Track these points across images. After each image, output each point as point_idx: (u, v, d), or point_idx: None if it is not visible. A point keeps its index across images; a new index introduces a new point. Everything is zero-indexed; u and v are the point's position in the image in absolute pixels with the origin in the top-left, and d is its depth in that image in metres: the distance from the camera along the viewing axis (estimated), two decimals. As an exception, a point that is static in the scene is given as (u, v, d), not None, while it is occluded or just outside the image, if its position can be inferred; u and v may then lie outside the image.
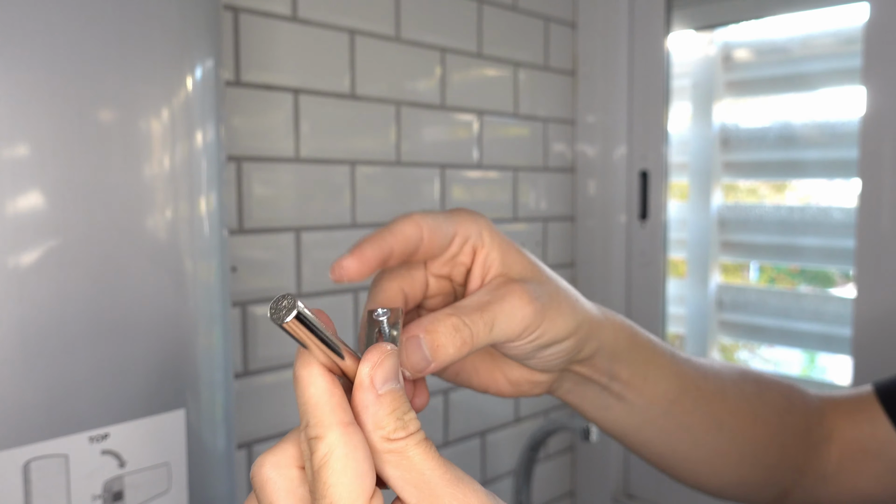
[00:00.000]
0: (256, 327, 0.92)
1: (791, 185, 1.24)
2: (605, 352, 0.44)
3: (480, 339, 0.37)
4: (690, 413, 0.49)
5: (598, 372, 0.46)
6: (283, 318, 0.27)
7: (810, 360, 1.24)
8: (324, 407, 0.29)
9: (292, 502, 0.30)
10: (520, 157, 1.26)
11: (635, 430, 0.49)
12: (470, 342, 0.36)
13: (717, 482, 0.53)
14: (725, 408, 0.51)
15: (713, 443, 0.51)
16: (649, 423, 0.49)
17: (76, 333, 0.54)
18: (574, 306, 0.41)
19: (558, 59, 1.33)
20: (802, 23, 1.15)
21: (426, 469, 0.29)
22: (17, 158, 0.51)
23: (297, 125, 0.95)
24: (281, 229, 0.94)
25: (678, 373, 0.49)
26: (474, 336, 0.36)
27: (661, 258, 1.30)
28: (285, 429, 0.96)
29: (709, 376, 0.51)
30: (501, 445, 1.26)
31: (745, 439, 0.52)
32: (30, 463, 0.52)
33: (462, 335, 0.36)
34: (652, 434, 0.49)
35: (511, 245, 0.41)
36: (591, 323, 0.42)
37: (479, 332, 0.36)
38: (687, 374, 0.49)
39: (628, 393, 0.47)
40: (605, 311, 0.45)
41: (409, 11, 1.06)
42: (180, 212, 0.60)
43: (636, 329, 0.47)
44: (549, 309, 0.39)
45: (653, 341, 0.48)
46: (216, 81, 0.63)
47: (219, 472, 0.65)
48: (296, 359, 0.31)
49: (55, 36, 0.52)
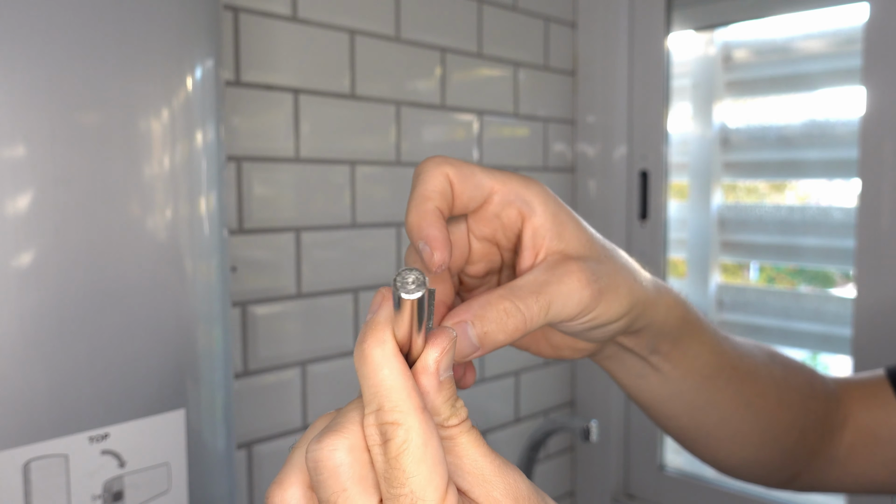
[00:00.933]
0: (256, 327, 0.92)
1: (791, 185, 1.24)
2: (654, 329, 0.44)
3: (534, 323, 0.35)
4: (722, 390, 0.49)
5: (641, 344, 0.45)
6: (411, 291, 0.27)
7: (812, 359, 1.24)
8: (401, 391, 0.28)
9: (366, 491, 0.28)
10: (520, 157, 1.26)
11: (665, 400, 0.49)
12: (523, 328, 0.34)
13: (735, 460, 0.54)
14: (755, 389, 0.51)
15: (739, 422, 0.51)
16: (680, 395, 0.48)
17: (76, 333, 0.54)
18: (631, 287, 0.39)
19: (558, 59, 1.33)
20: (802, 23, 1.15)
21: (477, 456, 0.29)
22: (17, 158, 0.51)
23: (297, 125, 0.95)
24: (281, 229, 0.94)
25: (718, 351, 0.48)
26: (527, 321, 0.34)
27: (661, 258, 1.30)
28: (285, 429, 0.96)
29: (744, 357, 0.51)
30: (501, 445, 1.26)
31: (770, 421, 0.52)
32: (30, 463, 0.52)
33: (515, 321, 0.34)
34: (680, 407, 0.49)
35: (568, 215, 0.38)
36: (645, 302, 0.41)
37: (534, 317, 0.35)
38: (725, 353, 0.49)
39: (665, 365, 0.47)
40: (659, 286, 0.44)
41: (409, 11, 1.06)
42: (180, 212, 0.60)
43: (688, 306, 0.46)
44: (606, 291, 0.37)
45: (700, 318, 0.47)
46: (216, 81, 0.63)
47: (219, 472, 0.65)
48: (365, 336, 0.28)
49: (55, 36, 0.52)
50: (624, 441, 1.36)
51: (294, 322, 0.96)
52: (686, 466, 1.32)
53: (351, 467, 0.28)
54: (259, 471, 0.93)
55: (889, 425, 0.56)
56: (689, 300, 0.47)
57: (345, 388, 1.02)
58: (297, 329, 0.96)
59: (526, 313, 0.34)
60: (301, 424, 0.97)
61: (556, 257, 0.37)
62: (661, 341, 0.45)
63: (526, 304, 0.34)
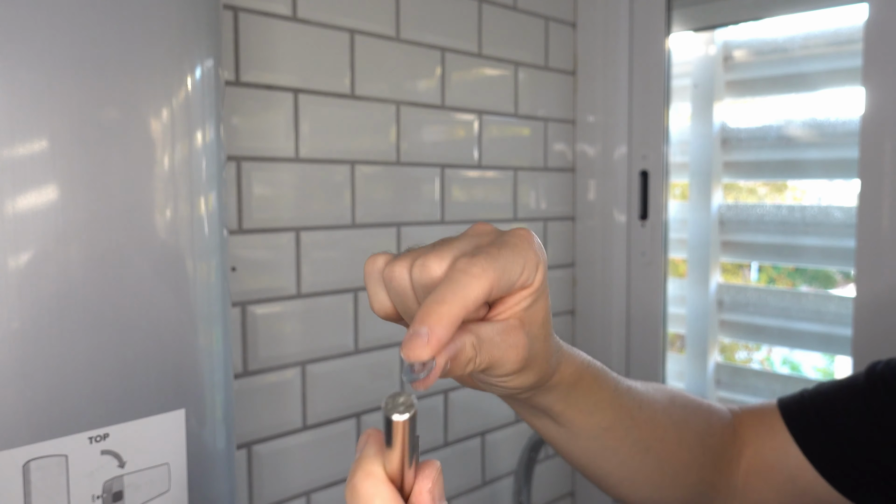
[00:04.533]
0: (256, 327, 0.92)
1: (791, 185, 1.24)
2: (544, 392, 0.47)
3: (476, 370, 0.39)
4: (621, 439, 0.53)
5: (538, 405, 0.49)
6: (400, 412, 0.29)
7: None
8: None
9: None
10: (520, 157, 1.26)
11: (564, 445, 0.53)
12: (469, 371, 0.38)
13: (636, 498, 0.57)
14: (654, 434, 0.55)
15: (639, 465, 0.55)
16: (577, 442, 0.52)
17: (76, 333, 0.54)
18: (543, 365, 0.43)
19: (558, 59, 1.33)
20: (802, 23, 1.15)
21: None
22: (17, 159, 0.51)
23: (297, 125, 0.94)
24: (281, 229, 0.94)
25: (615, 405, 0.52)
26: (475, 369, 0.39)
27: (661, 258, 1.30)
28: (285, 429, 0.96)
29: (643, 405, 0.54)
30: (501, 445, 1.26)
31: (669, 462, 0.56)
32: (30, 463, 0.52)
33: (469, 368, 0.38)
34: (578, 451, 0.53)
35: (544, 294, 0.41)
36: (545, 377, 0.45)
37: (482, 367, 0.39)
38: (623, 406, 0.52)
39: (563, 420, 0.51)
40: (563, 357, 0.47)
41: (409, 11, 1.06)
42: (180, 212, 0.60)
43: (586, 372, 0.49)
44: (529, 365, 0.42)
45: (599, 378, 0.51)
46: (216, 81, 0.63)
47: (219, 472, 0.65)
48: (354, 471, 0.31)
49: (55, 36, 0.52)
50: (624, 441, 1.36)
51: (294, 322, 0.96)
52: (686, 466, 1.32)
53: None
54: (259, 471, 0.93)
55: (776, 450, 0.60)
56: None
57: (344, 389, 1.02)
58: (296, 329, 0.96)
59: (478, 359, 0.38)
60: (301, 424, 0.97)
61: (515, 323, 0.40)
62: (556, 403, 0.49)
63: (481, 352, 0.38)
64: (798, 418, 0.61)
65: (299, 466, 0.97)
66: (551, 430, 0.52)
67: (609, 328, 1.35)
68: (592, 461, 0.54)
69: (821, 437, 0.60)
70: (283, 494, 0.96)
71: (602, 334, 1.36)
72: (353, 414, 1.03)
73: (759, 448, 0.61)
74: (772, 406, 0.63)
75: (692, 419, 0.58)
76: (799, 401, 0.62)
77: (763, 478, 0.61)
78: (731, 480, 0.61)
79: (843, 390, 0.61)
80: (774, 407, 0.63)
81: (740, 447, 0.61)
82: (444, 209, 1.14)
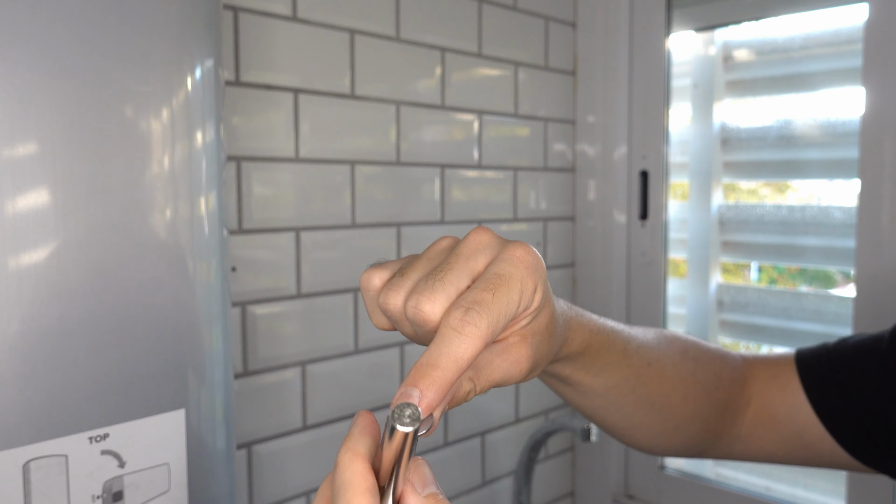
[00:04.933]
0: (256, 327, 0.92)
1: (791, 185, 1.24)
2: (557, 363, 0.49)
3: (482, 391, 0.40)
4: (625, 396, 0.55)
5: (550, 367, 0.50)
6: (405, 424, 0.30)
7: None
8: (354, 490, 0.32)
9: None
10: (520, 157, 1.26)
11: (568, 398, 0.56)
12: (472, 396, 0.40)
13: (639, 443, 0.61)
14: (660, 389, 0.56)
15: (642, 417, 0.57)
16: (582, 398, 0.55)
17: (76, 334, 0.54)
18: (552, 347, 0.44)
19: (558, 59, 1.33)
20: (802, 23, 1.15)
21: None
22: (17, 159, 0.51)
23: (297, 125, 0.94)
24: (281, 229, 0.94)
25: (624, 364, 0.53)
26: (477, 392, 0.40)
27: (661, 258, 1.30)
28: (285, 429, 0.96)
29: (652, 362, 0.56)
30: (501, 445, 1.26)
31: (672, 415, 0.58)
32: (30, 463, 0.52)
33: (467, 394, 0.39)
34: (585, 404, 0.56)
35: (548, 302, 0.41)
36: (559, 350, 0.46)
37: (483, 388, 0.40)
38: (631, 366, 0.54)
39: (571, 381, 0.53)
40: (572, 320, 0.48)
41: (409, 11, 1.06)
42: (180, 212, 0.60)
43: (597, 335, 0.50)
44: (537, 364, 0.43)
45: (608, 341, 0.52)
46: (216, 81, 0.63)
47: (219, 472, 0.65)
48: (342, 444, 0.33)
49: (55, 36, 0.52)
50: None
51: (294, 322, 0.96)
52: (686, 466, 1.32)
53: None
54: (259, 471, 0.93)
55: (786, 404, 0.61)
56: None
57: (344, 389, 1.02)
58: (296, 329, 0.96)
59: (478, 387, 0.39)
60: (301, 424, 0.97)
61: (517, 339, 0.41)
62: (564, 367, 0.50)
63: (481, 385, 0.39)
64: (813, 376, 0.61)
65: (299, 466, 0.97)
66: (558, 388, 0.55)
67: (609, 328, 1.35)
68: (597, 414, 0.57)
69: (834, 396, 0.60)
70: (283, 494, 0.96)
71: (602, 334, 1.36)
72: (353, 414, 1.03)
73: (769, 401, 0.62)
74: (788, 358, 0.63)
75: (701, 373, 0.59)
76: (817, 356, 0.62)
77: (769, 429, 0.61)
78: (734, 429, 0.62)
79: (864, 350, 0.60)
80: (790, 359, 0.62)
81: (749, 397, 0.62)
82: (444, 209, 1.14)
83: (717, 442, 0.62)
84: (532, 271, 0.38)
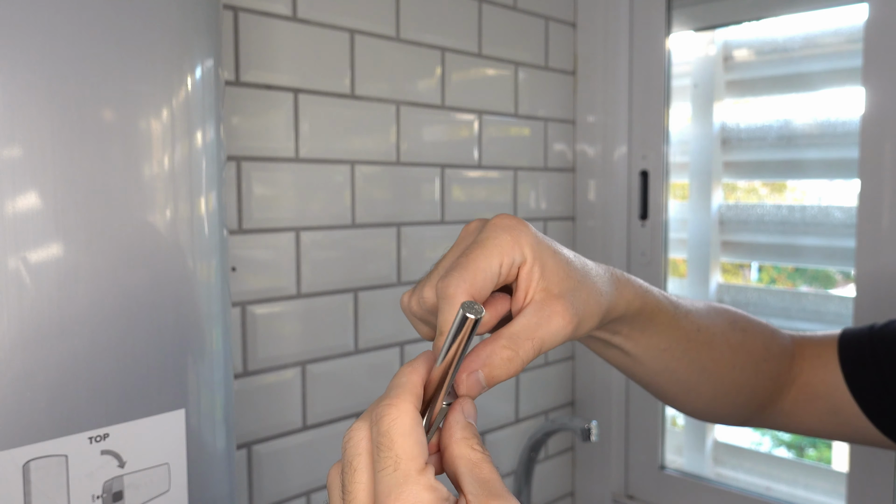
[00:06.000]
0: (256, 327, 0.92)
1: (790, 185, 1.24)
2: (614, 320, 0.50)
3: (530, 360, 0.42)
4: (678, 360, 0.57)
5: (603, 332, 0.53)
6: (477, 311, 0.34)
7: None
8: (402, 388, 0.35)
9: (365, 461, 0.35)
10: (520, 157, 1.26)
11: (626, 367, 0.57)
12: (521, 367, 0.41)
13: (690, 408, 0.62)
14: (710, 356, 0.58)
15: (693, 382, 0.59)
16: (639, 364, 0.56)
17: (76, 333, 0.54)
18: (600, 303, 0.46)
19: (558, 59, 1.33)
20: (802, 23, 1.15)
21: (494, 477, 0.36)
22: (17, 159, 0.51)
23: (297, 125, 0.94)
24: (281, 229, 0.94)
25: (674, 327, 0.55)
26: (524, 362, 0.41)
27: (661, 258, 1.30)
28: (285, 429, 0.96)
29: (702, 328, 0.58)
30: (501, 445, 1.26)
31: (722, 382, 0.60)
32: (30, 463, 0.52)
33: (514, 365, 0.41)
34: (639, 371, 0.57)
35: (549, 251, 0.44)
36: (610, 310, 0.48)
37: (529, 356, 0.41)
38: (682, 329, 0.56)
39: (626, 344, 0.54)
40: (621, 283, 0.50)
41: (409, 11, 1.06)
42: (180, 212, 0.60)
43: (646, 296, 0.52)
44: (584, 318, 0.44)
45: (659, 304, 0.54)
46: (216, 81, 0.63)
47: (219, 472, 0.65)
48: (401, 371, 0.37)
49: (55, 36, 0.52)
50: (624, 441, 1.36)
51: (294, 322, 0.96)
52: (686, 466, 1.32)
53: (361, 444, 0.35)
54: (259, 471, 0.93)
55: (825, 382, 0.63)
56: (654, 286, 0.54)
57: (344, 389, 1.02)
58: (296, 329, 0.96)
59: (523, 356, 0.41)
60: (301, 424, 0.97)
61: (542, 296, 0.43)
62: (620, 326, 0.52)
63: (524, 349, 0.41)
64: (851, 354, 0.63)
65: (299, 466, 0.97)
66: (614, 355, 0.56)
67: (609, 328, 1.35)
68: (652, 379, 0.58)
69: (870, 375, 0.61)
70: (283, 494, 0.96)
71: (602, 334, 1.36)
72: (353, 414, 1.03)
73: (811, 377, 0.64)
74: (832, 337, 0.65)
75: (750, 343, 0.61)
76: (858, 336, 0.64)
77: (810, 405, 0.64)
78: (779, 403, 0.64)
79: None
80: (834, 339, 0.65)
81: (794, 374, 0.64)
82: (444, 209, 1.14)
83: (762, 413, 0.64)
84: (505, 230, 0.42)
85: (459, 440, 0.37)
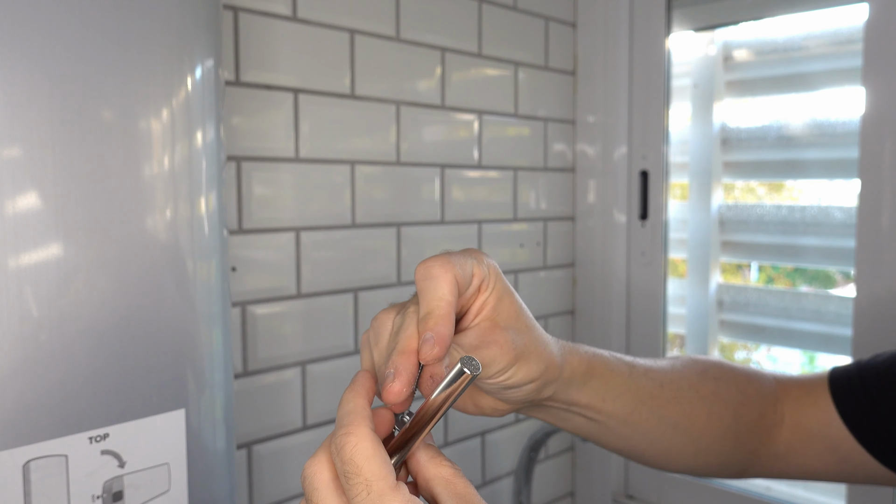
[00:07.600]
0: (256, 327, 0.92)
1: (790, 185, 1.24)
2: (563, 388, 0.51)
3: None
4: (646, 420, 0.56)
5: (557, 402, 0.52)
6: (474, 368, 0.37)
7: (810, 360, 1.25)
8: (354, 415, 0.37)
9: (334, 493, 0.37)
10: (520, 157, 1.26)
11: (596, 435, 0.57)
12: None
13: (676, 467, 0.61)
14: (680, 411, 0.57)
15: (669, 441, 0.58)
16: (608, 431, 0.56)
17: (76, 334, 0.54)
18: (541, 354, 0.47)
19: (558, 59, 1.33)
20: (802, 23, 1.15)
21: (469, 490, 0.38)
22: (17, 158, 0.51)
23: (297, 125, 0.95)
24: (281, 229, 0.94)
25: (634, 389, 0.55)
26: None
27: (660, 258, 1.30)
28: (285, 429, 0.96)
29: (665, 384, 0.57)
30: (501, 445, 1.26)
31: (700, 435, 0.59)
32: (30, 463, 0.52)
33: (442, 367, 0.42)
34: (609, 437, 0.57)
35: (507, 292, 0.46)
36: (552, 368, 0.48)
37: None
38: (642, 388, 0.55)
39: (587, 412, 0.54)
40: (565, 349, 0.51)
41: (409, 11, 1.06)
42: (180, 212, 0.60)
43: (593, 360, 0.53)
44: (521, 357, 0.45)
45: (611, 365, 0.54)
46: (216, 81, 0.63)
47: (219, 472, 0.65)
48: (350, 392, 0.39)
49: (55, 36, 0.52)
50: (624, 441, 1.36)
51: (294, 322, 0.96)
52: (686, 466, 1.32)
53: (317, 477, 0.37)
54: (259, 471, 0.93)
55: (819, 419, 0.62)
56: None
57: (344, 389, 1.02)
58: (296, 329, 0.96)
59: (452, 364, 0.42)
60: (301, 424, 0.97)
61: (488, 324, 0.45)
62: (574, 395, 0.52)
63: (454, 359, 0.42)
64: (844, 388, 0.62)
65: (299, 466, 0.97)
66: (579, 424, 0.55)
67: (609, 328, 1.35)
68: (626, 444, 0.57)
69: (864, 407, 0.61)
70: (283, 494, 0.96)
71: (602, 334, 1.36)
72: (353, 414, 1.03)
73: (802, 417, 0.63)
74: (821, 377, 0.64)
75: (724, 391, 0.60)
76: (848, 370, 0.63)
77: (806, 445, 0.63)
78: (771, 447, 0.63)
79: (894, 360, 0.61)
80: (823, 378, 0.64)
81: (781, 415, 0.63)
82: (444, 209, 1.14)
83: (755, 460, 0.63)
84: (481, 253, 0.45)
85: (427, 462, 0.38)
